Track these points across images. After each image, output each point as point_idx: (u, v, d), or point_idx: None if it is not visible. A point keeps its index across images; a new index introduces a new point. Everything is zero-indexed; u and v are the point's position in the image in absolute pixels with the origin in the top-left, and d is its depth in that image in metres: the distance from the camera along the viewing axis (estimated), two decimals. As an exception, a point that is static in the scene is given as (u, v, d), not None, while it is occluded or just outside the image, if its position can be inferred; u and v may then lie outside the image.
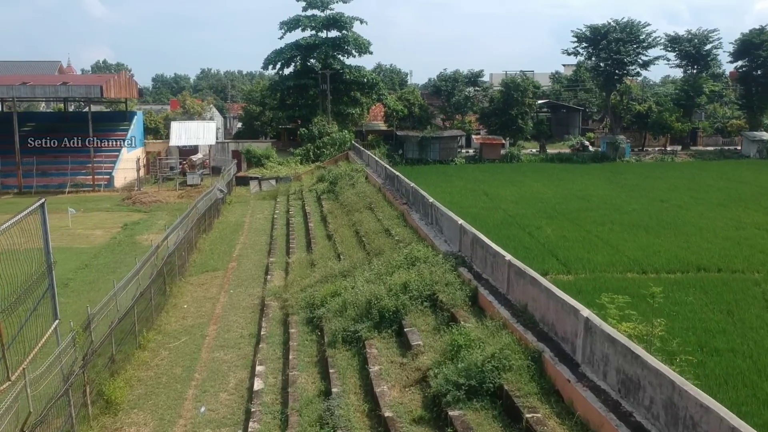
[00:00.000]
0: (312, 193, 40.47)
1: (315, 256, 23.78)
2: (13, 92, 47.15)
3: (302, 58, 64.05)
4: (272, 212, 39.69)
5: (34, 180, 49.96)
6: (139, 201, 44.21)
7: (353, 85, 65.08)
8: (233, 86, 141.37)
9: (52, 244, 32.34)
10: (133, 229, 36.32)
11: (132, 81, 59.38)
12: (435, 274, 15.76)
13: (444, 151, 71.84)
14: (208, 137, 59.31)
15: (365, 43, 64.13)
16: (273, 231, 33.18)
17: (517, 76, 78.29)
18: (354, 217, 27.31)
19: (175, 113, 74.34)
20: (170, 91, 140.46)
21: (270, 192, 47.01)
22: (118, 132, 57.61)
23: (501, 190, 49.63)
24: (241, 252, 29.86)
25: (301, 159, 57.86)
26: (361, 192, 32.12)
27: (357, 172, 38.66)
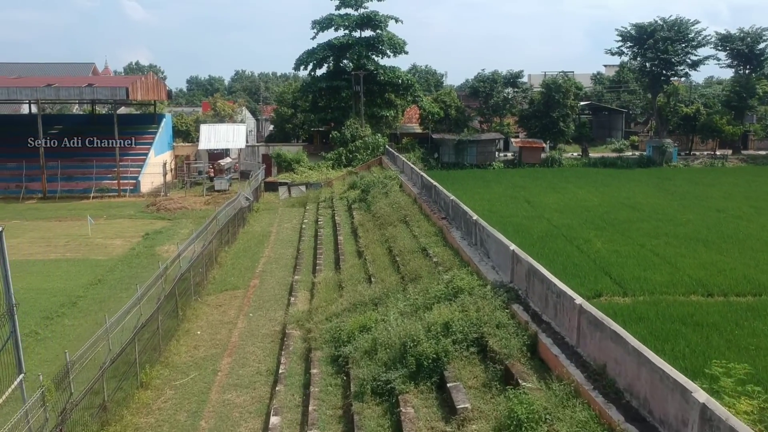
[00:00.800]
0: (343, 201, 38.11)
1: (343, 276, 21.36)
2: (37, 94, 45.78)
3: (335, 58, 61.84)
4: (300, 221, 37.45)
5: (58, 184, 48.56)
6: (163, 208, 42.39)
7: (387, 86, 62.65)
8: (267, 88, 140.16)
9: (69, 255, 30.42)
10: (154, 239, 34.39)
11: (160, 82, 57.80)
12: (483, 311, 13.16)
13: (481, 155, 69.02)
14: (238, 140, 57.47)
15: (400, 42, 61.65)
16: (300, 243, 30.89)
17: (559, 77, 75.11)
18: (387, 232, 24.80)
19: (205, 116, 72.81)
20: (204, 93, 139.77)
21: (299, 199, 44.80)
22: (145, 135, 56.08)
23: (543, 197, 46.74)
24: (265, 267, 27.59)
25: (332, 164, 55.63)
26: (395, 202, 29.58)
27: (391, 180, 36.14)
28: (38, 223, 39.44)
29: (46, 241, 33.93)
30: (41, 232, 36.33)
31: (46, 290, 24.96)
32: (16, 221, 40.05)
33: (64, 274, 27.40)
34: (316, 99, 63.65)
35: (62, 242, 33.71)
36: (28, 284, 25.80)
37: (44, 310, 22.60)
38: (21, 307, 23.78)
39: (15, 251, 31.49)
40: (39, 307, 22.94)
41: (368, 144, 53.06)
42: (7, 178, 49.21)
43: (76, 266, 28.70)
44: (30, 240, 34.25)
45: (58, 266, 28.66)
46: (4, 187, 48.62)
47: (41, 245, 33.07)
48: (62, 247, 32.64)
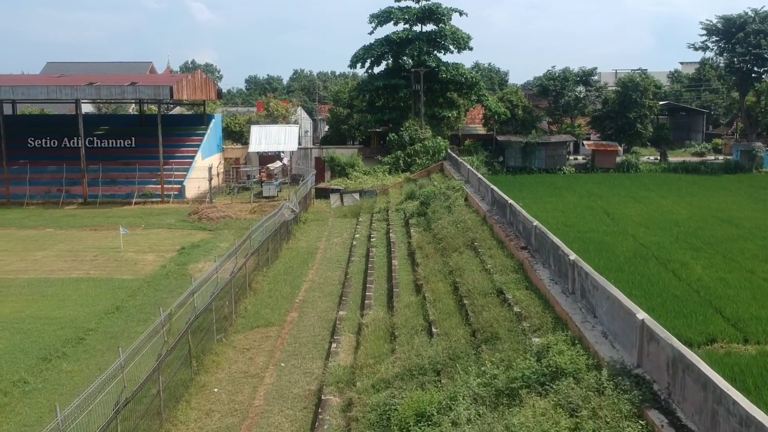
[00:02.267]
0: (399, 213, 33.88)
1: (397, 319, 17.10)
2: (77, 93, 43.18)
3: (393, 54, 57.61)
4: (352, 236, 33.40)
5: (99, 189, 45.93)
6: (205, 216, 39.04)
7: (450, 84, 58.08)
8: (325, 87, 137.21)
9: (93, 274, 26.90)
10: (189, 254, 30.90)
11: (210, 81, 54.82)
12: (602, 419, 8.71)
13: (551, 158, 63.86)
14: (290, 143, 54.03)
15: (464, 37, 56.99)
16: (349, 265, 26.78)
17: (636, 75, 69.13)
18: (451, 260, 20.42)
19: (258, 116, 69.74)
20: (261, 92, 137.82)
21: (352, 208, 40.79)
22: (193, 137, 53.18)
23: (624, 208, 41.54)
24: (307, 296, 23.57)
25: (389, 168, 51.50)
26: (460, 221, 25.10)
27: (454, 191, 31.66)
28: (71, 232, 36.61)
29: (73, 255, 30.87)
30: (71, 244, 33.37)
31: (55, 320, 21.59)
32: (49, 230, 37.37)
33: (81, 298, 24.06)
34: (373, 98, 59.62)
35: (90, 256, 30.59)
36: (37, 311, 22.55)
37: (45, 347, 19.17)
38: (19, 343, 20.56)
39: (37, 267, 28.53)
40: (40, 343, 19.53)
41: (428, 147, 48.53)
42: (47, 182, 46.93)
43: (97, 288, 25.38)
44: (57, 253, 31.26)
45: (77, 288, 25.38)
46: (45, 191, 46.33)
47: (67, 260, 30.00)
48: (89, 262, 29.48)
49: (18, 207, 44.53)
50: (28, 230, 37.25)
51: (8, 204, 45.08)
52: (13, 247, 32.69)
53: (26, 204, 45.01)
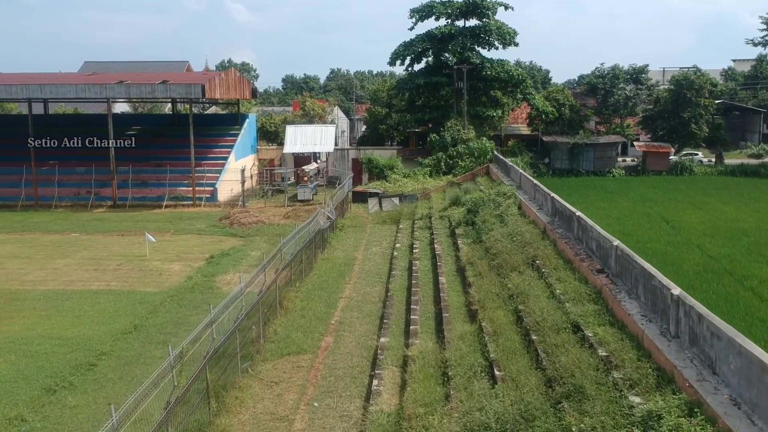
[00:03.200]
0: (443, 221, 31.23)
1: (450, 353, 14.50)
2: (106, 92, 41.52)
3: (435, 51, 54.95)
4: (392, 245, 30.90)
5: (129, 191, 44.24)
6: (237, 222, 36.93)
7: (494, 82, 55.23)
8: (362, 86, 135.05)
9: (114, 285, 24.88)
10: (218, 264, 28.74)
11: (244, 79, 52.87)
12: None
13: (599, 160, 60.68)
14: (326, 143, 51.72)
15: (510, 32, 54.04)
16: (390, 280, 24.26)
17: (690, 72, 65.36)
18: (510, 281, 17.74)
19: (294, 116, 67.75)
20: (298, 92, 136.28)
21: (391, 214, 38.27)
22: (226, 137, 51.30)
23: (683, 215, 38.38)
24: (344, 316, 21.13)
25: (430, 171, 48.88)
26: (516, 233, 22.32)
27: (505, 198, 28.88)
28: (97, 238, 34.83)
29: (96, 264, 28.97)
30: (96, 251, 31.53)
31: (67, 341, 19.52)
32: (75, 235, 35.68)
33: (98, 314, 22.02)
34: (413, 97, 57.05)
35: (113, 265, 28.65)
36: (49, 329, 20.54)
37: (51, 374, 17.08)
38: (24, 369, 18.50)
39: (57, 277, 26.65)
40: (47, 369, 17.44)
41: (473, 149, 45.71)
42: (77, 184, 45.43)
43: (116, 302, 23.33)
44: (80, 261, 29.40)
45: (95, 301, 23.38)
46: (74, 193, 44.83)
47: (89, 268, 28.09)
48: (111, 272, 27.52)
49: (46, 210, 43.10)
50: (53, 235, 35.61)
51: (36, 206, 43.71)
52: (35, 254, 30.98)
53: (54, 206, 43.58)
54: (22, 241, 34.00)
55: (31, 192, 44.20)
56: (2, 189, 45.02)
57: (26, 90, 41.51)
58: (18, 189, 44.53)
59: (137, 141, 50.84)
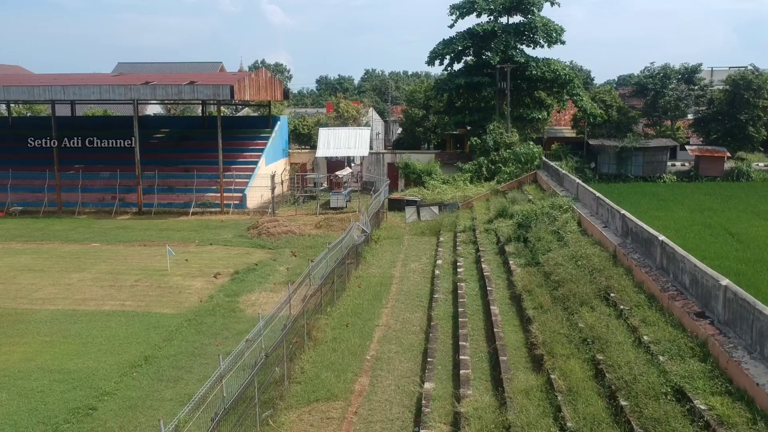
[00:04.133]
0: (490, 235, 28.35)
1: (513, 415, 11.68)
2: (131, 93, 39.54)
3: (476, 49, 51.99)
4: (433, 261, 28.15)
5: (155, 197, 42.23)
6: (265, 232, 34.57)
7: (539, 82, 52.06)
8: (397, 87, 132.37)
9: (129, 305, 22.63)
10: (243, 280, 26.32)
11: (275, 80, 50.61)
12: None
13: (649, 165, 57.13)
14: (361, 147, 49.21)
15: (557, 29, 50.83)
16: (433, 305, 21.51)
17: (748, 72, 61.22)
18: (581, 320, 14.83)
19: (327, 118, 65.38)
20: (332, 93, 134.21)
21: (431, 224, 35.50)
22: (257, 140, 49.08)
23: (749, 226, 34.94)
24: (381, 350, 18.45)
25: (471, 177, 46.00)
26: (580, 256, 19.31)
27: (561, 212, 25.87)
28: (118, 248, 32.77)
29: (112, 279, 26.79)
30: (114, 264, 29.39)
31: (69, 375, 17.24)
32: (95, 245, 33.69)
33: (107, 341, 19.74)
34: (452, 98, 54.17)
35: (131, 280, 26.44)
36: (51, 360, 18.28)
37: (43, 420, 14.80)
38: (14, 411, 16.11)
39: (69, 295, 24.50)
40: (40, 413, 15.14)
41: (519, 154, 42.53)
42: (101, 189, 43.62)
43: (129, 326, 21.04)
44: (96, 276, 27.27)
45: (106, 325, 21.11)
46: (98, 199, 43.02)
47: (104, 285, 25.91)
48: (127, 289, 25.29)
49: (69, 216, 41.34)
50: (72, 245, 33.67)
51: (60, 213, 42.00)
52: (50, 266, 28.95)
53: (77, 213, 41.80)
54: (40, 251, 32.09)
55: (54, 197, 42.47)
56: (25, 194, 43.41)
57: (49, 91, 39.77)
58: (42, 194, 42.89)
59: (165, 144, 49.10)
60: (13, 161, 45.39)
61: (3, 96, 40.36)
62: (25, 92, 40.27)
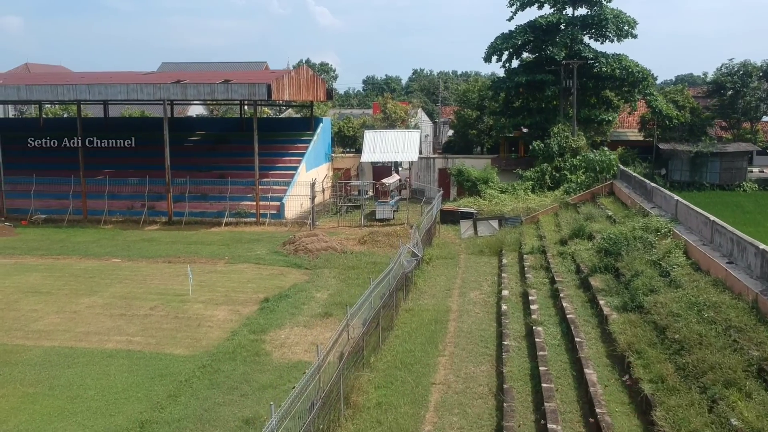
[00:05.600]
0: (566, 260, 23.80)
1: None
2: (160, 93, 36.20)
3: (537, 44, 47.23)
4: (496, 290, 23.79)
5: (186, 205, 38.82)
6: (302, 248, 30.68)
7: (607, 80, 47.03)
8: (446, 87, 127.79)
9: (137, 343, 19.01)
10: (272, 311, 22.39)
11: (318, 78, 46.81)
12: None
13: (726, 172, 51.56)
14: (410, 151, 45.07)
15: (629, 21, 45.74)
16: (502, 355, 17.15)
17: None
18: (735, 413, 10.31)
19: (374, 119, 61.39)
20: (379, 93, 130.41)
21: (490, 242, 31.07)
22: (297, 144, 45.37)
23: None
24: (439, 423, 14.20)
25: (532, 185, 41.37)
26: (704, 304, 14.49)
27: (659, 237, 21.12)
28: (139, 265, 29.30)
29: (125, 305, 23.20)
30: (131, 285, 25.85)
31: (43, 448, 13.51)
32: (115, 260, 30.34)
33: (101, 395, 16.06)
34: (510, 98, 49.50)
35: (146, 308, 22.80)
36: (27, 423, 14.64)
37: None
38: None
39: (71, 326, 20.96)
40: None
41: (592, 162, 37.37)
42: (130, 196, 40.46)
43: (131, 373, 17.31)
44: (107, 301, 23.73)
45: (104, 372, 17.44)
46: (126, 207, 39.86)
47: (114, 313, 22.33)
48: (140, 319, 21.64)
49: (94, 226, 38.25)
50: (91, 260, 30.37)
51: (85, 222, 38.95)
52: (60, 288, 25.58)
53: (103, 222, 38.68)
54: (53, 268, 28.83)
55: (80, 205, 39.44)
56: (51, 201, 40.55)
57: (74, 90, 36.72)
58: (68, 201, 39.93)
59: (200, 148, 45.83)
60: (41, 165, 42.69)
61: (26, 95, 37.48)
62: (48, 91, 37.31)
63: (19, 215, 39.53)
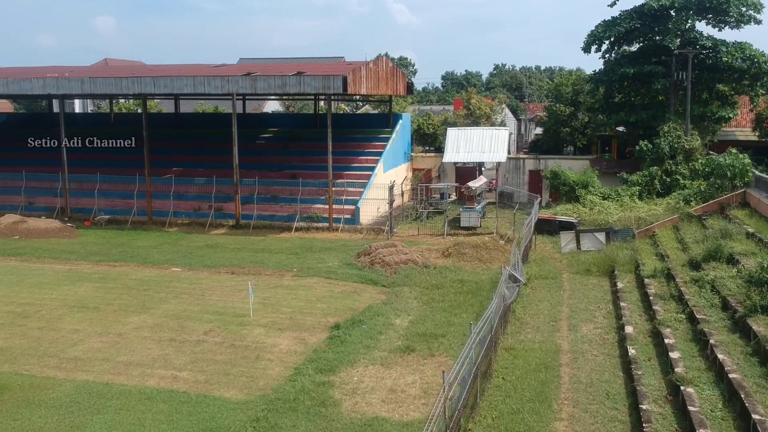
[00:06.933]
0: (704, 291, 19.18)
1: None
2: (229, 86, 33.41)
3: (644, 32, 41.92)
4: (615, 326, 19.47)
5: (254, 208, 35.94)
6: (379, 261, 27.05)
7: (724, 73, 41.31)
8: (530, 83, 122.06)
9: (182, 381, 15.86)
10: (344, 342, 18.83)
11: (398, 70, 43.16)
12: None
13: None
14: (498, 151, 40.77)
15: (755, 3, 39.89)
16: (643, 428, 12.90)
17: None
18: None
19: (456, 116, 57.29)
20: (458, 89, 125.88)
21: (597, 259, 26.54)
22: (375, 142, 41.86)
23: None
24: None
25: (639, 191, 36.40)
26: None
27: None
28: (199, 276, 26.44)
29: (177, 327, 20.18)
30: (187, 301, 22.89)
31: None
32: (175, 269, 27.64)
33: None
34: (611, 92, 44.35)
35: (200, 332, 19.70)
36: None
37: None
38: None
39: (112, 354, 18.02)
40: None
41: (720, 166, 31.70)
42: (197, 196, 37.95)
43: (169, 426, 14.12)
44: (158, 321, 20.78)
45: (138, 421, 14.34)
46: (193, 208, 37.37)
47: (164, 337, 19.32)
48: (191, 347, 18.52)
49: (158, 228, 35.89)
50: (149, 269, 27.75)
51: (149, 223, 36.65)
52: (110, 302, 22.88)
53: (168, 224, 36.26)
54: (107, 278, 26.29)
55: (144, 205, 37.16)
56: (116, 200, 38.53)
57: (138, 83, 34.44)
58: (133, 201, 37.77)
59: (271, 146, 43.01)
60: (107, 163, 40.79)
61: (89, 89, 35.42)
62: (112, 85, 35.16)
63: (83, 215, 37.69)
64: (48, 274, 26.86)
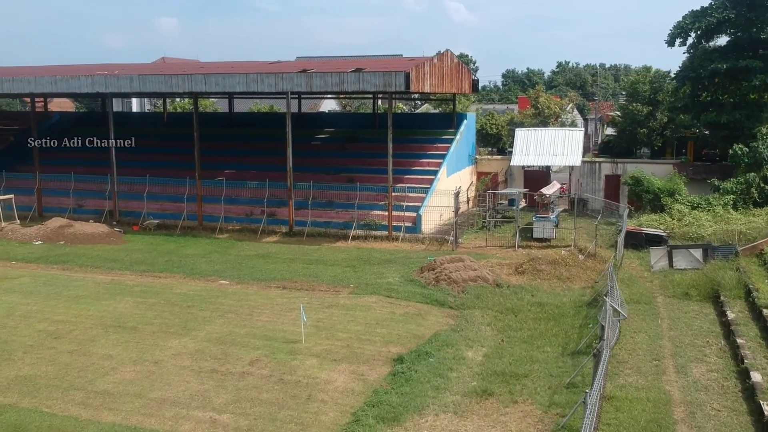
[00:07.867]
0: None
1: None
2: (283, 83, 31.16)
3: (738, 22, 37.80)
4: (734, 368, 16.23)
5: (309, 213, 33.64)
6: (445, 278, 24.28)
7: (830, 67, 36.90)
8: (594, 82, 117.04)
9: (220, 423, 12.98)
10: (408, 380, 16.16)
11: (463, 67, 40.18)
12: None
13: None
14: (572, 154, 37.72)
15: None
16: None
17: None
18: None
19: (522, 115, 53.98)
20: (521, 88, 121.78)
21: (695, 280, 23.11)
22: (437, 144, 39.08)
23: None
24: None
25: (734, 200, 32.58)
26: None
27: None
28: (248, 291, 24.21)
29: (220, 356, 17.87)
30: (233, 323, 20.60)
31: None
32: (223, 282, 25.52)
33: None
34: (697, 90, 40.33)
35: (245, 362, 17.33)
36: None
37: None
38: None
39: (144, 389, 15.76)
40: None
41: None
42: (249, 200, 35.92)
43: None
44: (199, 346, 18.53)
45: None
46: (245, 213, 35.36)
47: (204, 368, 17.02)
48: (234, 381, 16.16)
49: (208, 235, 33.95)
50: (195, 281, 25.68)
51: (199, 229, 34.78)
52: (149, 320, 20.80)
53: (219, 230, 34.29)
54: (150, 291, 24.31)
55: (195, 209, 35.29)
56: (166, 204, 36.80)
57: (189, 81, 32.56)
58: (183, 204, 35.96)
59: (328, 147, 40.73)
60: (159, 164, 39.22)
61: (138, 87, 33.73)
62: (161, 82, 33.32)
63: (132, 219, 36.13)
64: (88, 285, 25.05)
